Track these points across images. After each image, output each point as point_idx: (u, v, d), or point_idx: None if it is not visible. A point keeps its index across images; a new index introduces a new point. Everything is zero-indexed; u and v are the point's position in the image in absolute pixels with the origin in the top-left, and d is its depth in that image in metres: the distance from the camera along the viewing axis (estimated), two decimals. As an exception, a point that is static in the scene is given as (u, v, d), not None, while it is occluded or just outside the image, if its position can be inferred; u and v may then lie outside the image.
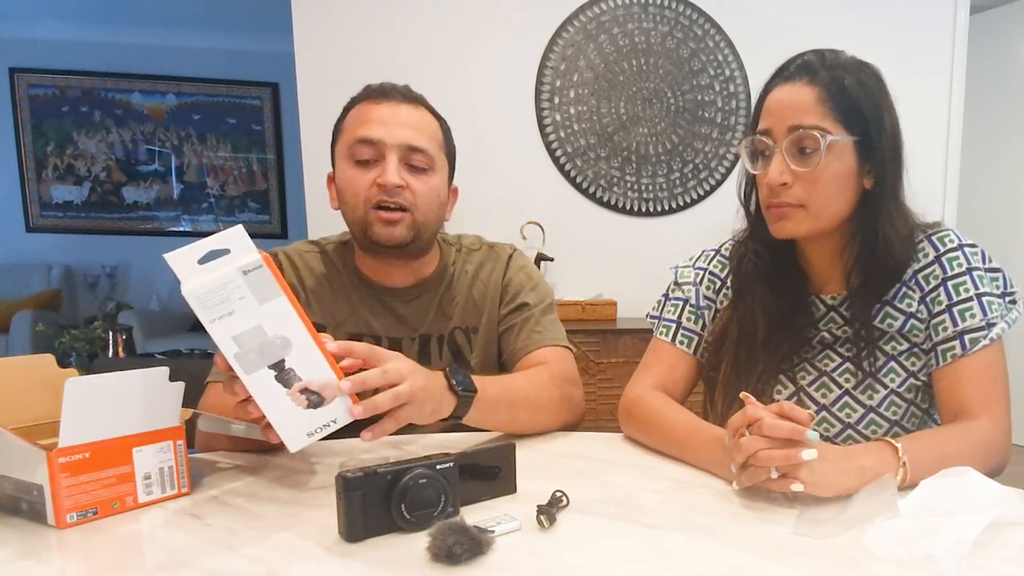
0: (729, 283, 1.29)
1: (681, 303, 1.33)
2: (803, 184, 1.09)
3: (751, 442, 0.89)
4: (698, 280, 1.33)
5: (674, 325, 1.32)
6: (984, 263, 1.14)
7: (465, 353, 1.40)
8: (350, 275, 1.38)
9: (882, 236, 1.12)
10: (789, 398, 1.18)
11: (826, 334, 1.19)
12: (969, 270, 1.12)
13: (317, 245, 1.42)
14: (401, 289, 1.38)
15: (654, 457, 1.14)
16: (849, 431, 1.16)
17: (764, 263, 1.23)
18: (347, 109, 1.35)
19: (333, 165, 1.37)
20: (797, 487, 0.86)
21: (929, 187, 3.60)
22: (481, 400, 1.11)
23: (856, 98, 1.08)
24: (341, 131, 1.34)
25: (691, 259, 1.37)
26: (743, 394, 0.96)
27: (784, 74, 1.13)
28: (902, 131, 1.14)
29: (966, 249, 1.14)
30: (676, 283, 1.36)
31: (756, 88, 1.18)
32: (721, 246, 1.35)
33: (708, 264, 1.34)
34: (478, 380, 1.12)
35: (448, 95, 3.35)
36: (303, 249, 1.41)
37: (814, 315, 1.21)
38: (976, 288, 1.11)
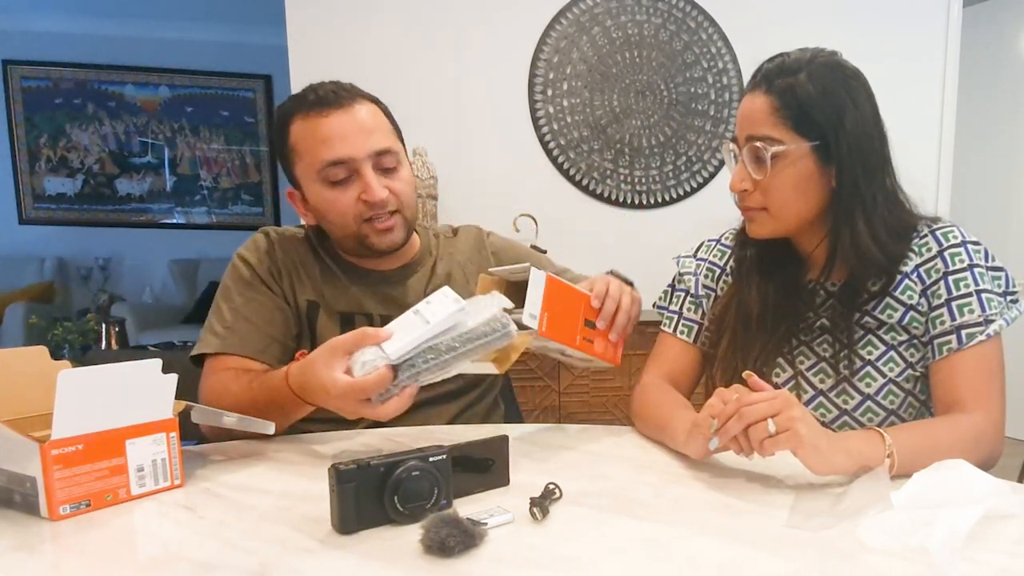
0: (729, 269, 1.32)
1: (683, 294, 1.37)
2: (761, 190, 1.15)
3: (736, 401, 0.92)
4: (697, 270, 1.36)
5: (676, 316, 1.36)
6: (986, 261, 1.14)
7: None
8: (333, 260, 1.39)
9: (847, 234, 1.13)
10: (787, 381, 1.20)
11: (826, 320, 1.19)
12: (971, 266, 1.12)
13: (301, 230, 1.43)
14: (387, 272, 1.40)
15: (647, 450, 1.14)
16: (845, 417, 1.17)
17: (760, 247, 1.25)
18: (286, 123, 1.29)
19: (294, 183, 1.34)
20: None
21: (922, 177, 3.59)
22: None
23: (809, 105, 1.10)
24: (295, 152, 1.29)
25: (692, 249, 1.40)
26: (746, 373, 0.97)
27: (751, 83, 1.17)
28: (882, 129, 1.15)
29: (969, 246, 1.14)
30: (680, 274, 1.39)
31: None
32: (722, 235, 1.39)
33: (708, 255, 1.37)
34: None
35: (441, 87, 3.38)
36: (292, 231, 1.42)
37: (814, 301, 1.22)
38: (976, 285, 1.11)
